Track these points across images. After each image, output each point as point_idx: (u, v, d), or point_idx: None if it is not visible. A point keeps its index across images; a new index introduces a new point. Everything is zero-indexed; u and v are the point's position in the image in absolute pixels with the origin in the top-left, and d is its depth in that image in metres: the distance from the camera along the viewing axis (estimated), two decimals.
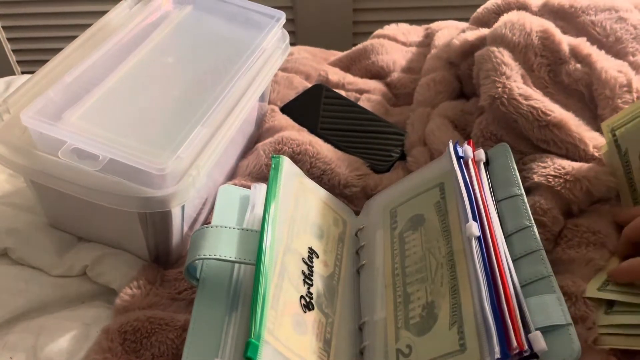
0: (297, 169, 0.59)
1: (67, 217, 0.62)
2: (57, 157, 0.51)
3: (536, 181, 0.54)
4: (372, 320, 0.52)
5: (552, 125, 0.58)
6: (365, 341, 0.51)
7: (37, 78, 0.58)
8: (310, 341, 0.47)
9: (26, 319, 0.57)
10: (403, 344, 0.47)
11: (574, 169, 0.55)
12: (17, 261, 0.61)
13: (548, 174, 0.55)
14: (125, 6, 0.68)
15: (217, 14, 0.69)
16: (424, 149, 0.67)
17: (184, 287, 0.58)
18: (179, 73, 0.61)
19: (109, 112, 0.55)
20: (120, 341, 0.52)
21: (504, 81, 0.61)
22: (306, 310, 0.49)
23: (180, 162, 0.51)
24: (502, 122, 0.60)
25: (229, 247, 0.49)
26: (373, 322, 0.51)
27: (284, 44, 0.69)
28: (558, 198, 0.54)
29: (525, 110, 0.59)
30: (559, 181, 0.54)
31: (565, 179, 0.54)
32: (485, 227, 0.48)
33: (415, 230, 0.55)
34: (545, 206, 0.53)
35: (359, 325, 0.52)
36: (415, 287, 0.50)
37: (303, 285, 0.50)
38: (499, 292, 0.44)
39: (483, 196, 0.51)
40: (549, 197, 0.54)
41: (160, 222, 0.56)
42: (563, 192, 0.54)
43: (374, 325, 0.51)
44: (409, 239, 0.55)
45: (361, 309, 0.54)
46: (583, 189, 0.54)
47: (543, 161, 0.56)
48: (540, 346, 0.40)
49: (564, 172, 0.54)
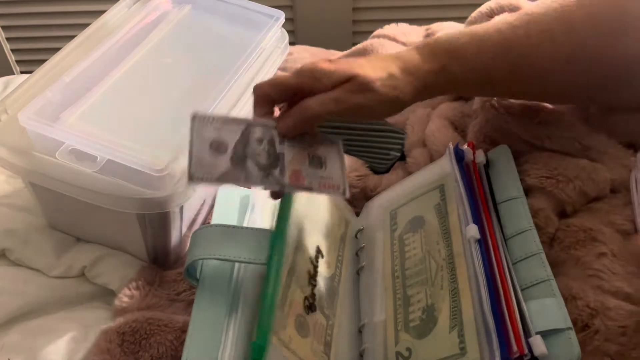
0: None
1: (65, 218, 0.62)
2: (55, 158, 0.50)
3: (529, 183, 0.54)
4: (372, 323, 0.51)
5: (545, 121, 0.58)
6: (365, 344, 0.50)
7: (35, 78, 0.58)
8: (312, 344, 0.47)
9: (24, 320, 0.57)
10: (403, 346, 0.47)
11: (567, 169, 0.54)
12: (16, 262, 0.61)
13: (541, 176, 0.55)
14: (124, 5, 0.68)
15: (216, 13, 0.69)
16: (423, 150, 0.67)
17: (183, 288, 0.58)
18: (178, 73, 0.61)
19: (107, 112, 0.55)
20: (119, 342, 0.52)
21: None
22: (309, 312, 0.49)
23: (178, 163, 0.51)
24: (496, 123, 0.60)
25: (229, 246, 0.49)
26: (373, 325, 0.51)
27: (283, 44, 0.69)
28: (552, 199, 0.54)
29: (516, 110, 0.59)
30: (552, 182, 0.54)
31: (558, 180, 0.54)
32: (486, 230, 0.48)
33: (415, 232, 0.55)
34: (537, 207, 0.53)
35: (358, 328, 0.52)
36: (415, 290, 0.50)
37: (308, 286, 0.50)
38: (499, 296, 0.43)
39: (483, 199, 0.51)
40: (542, 198, 0.54)
41: (158, 223, 0.56)
42: (556, 192, 0.53)
43: (374, 328, 0.51)
44: (408, 241, 0.55)
45: (361, 311, 0.54)
46: (576, 189, 0.53)
47: (536, 162, 0.56)
48: (540, 350, 0.40)
49: (556, 173, 0.54)
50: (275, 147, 0.48)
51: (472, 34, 0.53)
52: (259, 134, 0.48)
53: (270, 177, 0.46)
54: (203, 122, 0.46)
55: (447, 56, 0.51)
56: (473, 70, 0.52)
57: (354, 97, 0.48)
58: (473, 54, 0.52)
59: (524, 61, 0.52)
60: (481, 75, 0.52)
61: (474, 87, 0.55)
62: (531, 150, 0.58)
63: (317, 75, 0.49)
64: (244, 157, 0.46)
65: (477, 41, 0.52)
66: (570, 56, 0.52)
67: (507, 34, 0.52)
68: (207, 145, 0.45)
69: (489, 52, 0.52)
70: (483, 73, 0.52)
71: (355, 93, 0.48)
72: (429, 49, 0.52)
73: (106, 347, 0.51)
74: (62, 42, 0.64)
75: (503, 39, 0.52)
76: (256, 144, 0.47)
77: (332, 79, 0.48)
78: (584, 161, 0.55)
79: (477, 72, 0.52)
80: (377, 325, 0.51)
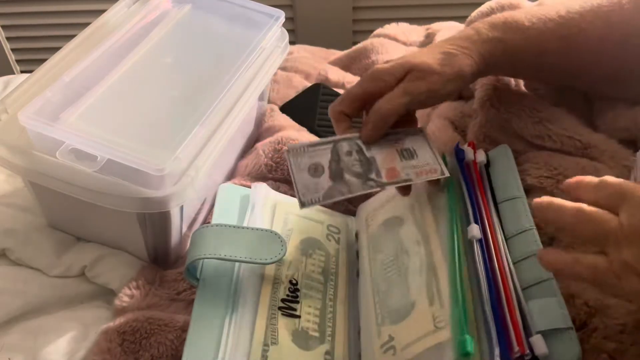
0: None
1: (65, 217, 0.62)
2: (55, 158, 0.50)
3: (529, 183, 0.54)
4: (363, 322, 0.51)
5: (546, 120, 0.58)
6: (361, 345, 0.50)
7: (35, 78, 0.58)
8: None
9: (25, 319, 0.57)
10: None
11: (567, 169, 0.54)
12: (16, 262, 0.61)
13: (541, 175, 0.55)
14: (124, 5, 0.68)
15: (216, 12, 0.69)
16: None
17: (183, 288, 0.58)
18: (178, 73, 0.61)
19: (107, 112, 0.55)
20: (119, 342, 0.52)
21: (494, 82, 0.62)
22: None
23: (178, 163, 0.51)
24: (496, 123, 0.60)
25: (229, 246, 0.49)
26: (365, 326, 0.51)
27: (283, 43, 0.69)
28: None
29: (516, 109, 0.59)
30: (552, 182, 0.54)
31: (558, 180, 0.54)
32: (487, 229, 0.48)
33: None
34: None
35: (358, 331, 0.52)
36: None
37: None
38: (500, 295, 0.43)
39: (484, 198, 0.51)
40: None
41: (159, 222, 0.56)
42: (556, 192, 0.53)
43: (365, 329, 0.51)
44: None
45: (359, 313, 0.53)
46: None
47: (536, 162, 0.56)
48: (541, 350, 0.40)
49: (556, 173, 0.54)
50: (365, 154, 0.52)
51: (528, 10, 0.56)
52: (347, 148, 0.52)
53: (369, 182, 0.50)
54: (296, 153, 0.51)
55: (503, 25, 0.54)
56: (528, 41, 0.54)
57: (419, 84, 0.50)
58: (528, 25, 0.54)
59: (578, 36, 0.54)
60: (536, 47, 0.54)
61: (529, 59, 0.56)
62: (531, 150, 0.58)
63: (378, 75, 0.51)
64: (341, 172, 0.50)
65: (532, 15, 0.54)
66: (619, 37, 0.54)
67: (562, 12, 0.55)
68: (305, 172, 0.50)
69: (544, 26, 0.54)
70: (538, 45, 0.54)
71: (419, 80, 0.50)
72: (484, 22, 0.54)
73: (106, 346, 0.51)
74: (62, 41, 0.64)
75: (558, 15, 0.54)
76: (347, 157, 0.51)
77: (394, 75, 0.51)
78: (584, 161, 0.55)
79: (532, 43, 0.54)
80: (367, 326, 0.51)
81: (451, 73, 0.51)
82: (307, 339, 0.48)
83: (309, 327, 0.49)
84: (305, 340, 0.48)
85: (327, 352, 0.48)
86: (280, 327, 0.48)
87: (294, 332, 0.48)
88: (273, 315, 0.48)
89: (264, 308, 0.49)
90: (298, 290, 0.51)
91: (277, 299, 0.50)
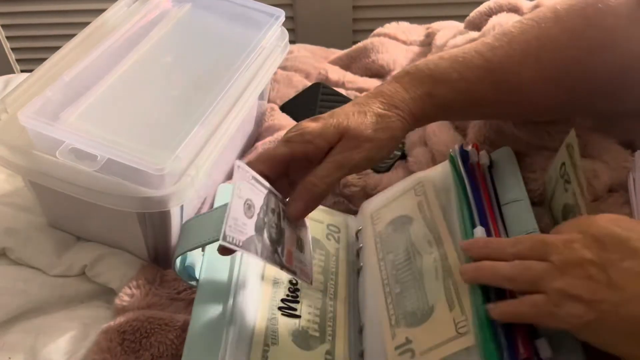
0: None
1: (65, 217, 0.62)
2: (55, 157, 0.50)
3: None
4: (369, 322, 0.51)
5: (544, 121, 0.57)
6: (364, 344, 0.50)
7: (35, 77, 0.58)
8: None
9: (25, 319, 0.57)
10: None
11: None
12: (16, 261, 0.61)
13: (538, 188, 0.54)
14: (124, 4, 0.68)
15: (216, 12, 0.69)
16: (424, 149, 0.67)
17: (184, 287, 0.58)
18: (178, 72, 0.61)
19: (107, 111, 0.55)
20: (119, 341, 0.52)
21: None
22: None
23: (178, 162, 0.51)
24: (494, 124, 0.60)
25: (201, 232, 0.47)
26: (370, 324, 0.51)
27: (283, 42, 0.69)
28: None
29: None
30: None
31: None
32: (492, 232, 0.48)
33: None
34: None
35: (359, 330, 0.52)
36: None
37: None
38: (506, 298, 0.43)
39: (489, 200, 0.51)
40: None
41: (159, 222, 0.56)
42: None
43: (370, 327, 0.51)
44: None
45: (360, 312, 0.53)
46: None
47: (532, 169, 0.56)
48: (546, 353, 0.40)
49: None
50: (281, 222, 0.47)
51: (452, 58, 0.51)
52: (273, 205, 0.47)
53: (275, 256, 0.45)
54: (243, 176, 0.44)
55: (430, 81, 0.50)
56: (458, 92, 0.50)
57: (354, 154, 0.47)
58: (456, 77, 0.50)
59: (508, 81, 0.51)
60: (467, 97, 0.51)
61: (461, 109, 0.53)
62: (531, 151, 0.58)
63: (309, 138, 0.47)
64: (262, 227, 0.44)
65: (459, 65, 0.51)
66: (554, 74, 0.51)
67: (488, 56, 0.51)
68: (242, 205, 0.43)
69: (472, 74, 0.50)
70: (468, 95, 0.51)
71: (354, 149, 0.47)
72: (410, 77, 0.51)
73: (107, 345, 0.51)
74: (62, 40, 0.64)
75: (484, 60, 0.51)
76: (271, 214, 0.46)
77: (327, 139, 0.47)
78: (584, 161, 0.55)
79: (463, 94, 0.51)
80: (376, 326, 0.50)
81: (385, 139, 0.48)
82: (308, 339, 0.48)
83: (309, 326, 0.49)
84: (305, 340, 0.48)
85: (328, 351, 0.48)
86: (280, 327, 0.48)
87: (295, 332, 0.48)
88: (273, 316, 0.48)
89: (264, 308, 0.49)
90: (298, 290, 0.51)
91: (277, 299, 0.50)
